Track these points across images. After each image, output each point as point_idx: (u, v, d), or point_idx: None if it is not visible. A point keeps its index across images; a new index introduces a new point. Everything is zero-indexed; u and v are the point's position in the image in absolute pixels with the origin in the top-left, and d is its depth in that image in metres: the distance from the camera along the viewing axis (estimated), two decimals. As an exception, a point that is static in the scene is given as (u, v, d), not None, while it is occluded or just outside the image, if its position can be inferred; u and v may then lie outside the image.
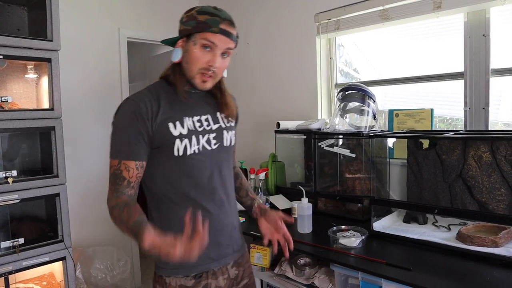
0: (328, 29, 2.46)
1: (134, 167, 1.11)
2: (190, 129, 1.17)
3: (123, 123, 1.12)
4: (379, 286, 1.45)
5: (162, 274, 1.18)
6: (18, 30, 2.14)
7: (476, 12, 1.91)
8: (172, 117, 1.15)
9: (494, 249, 1.45)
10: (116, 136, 1.13)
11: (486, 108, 1.92)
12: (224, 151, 1.26)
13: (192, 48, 1.12)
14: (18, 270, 1.95)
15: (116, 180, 1.09)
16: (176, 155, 1.14)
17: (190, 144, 1.15)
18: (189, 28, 1.11)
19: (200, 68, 1.13)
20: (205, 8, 1.13)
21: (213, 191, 1.21)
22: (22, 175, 2.02)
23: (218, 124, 1.25)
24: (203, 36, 1.10)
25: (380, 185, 2.06)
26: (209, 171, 1.20)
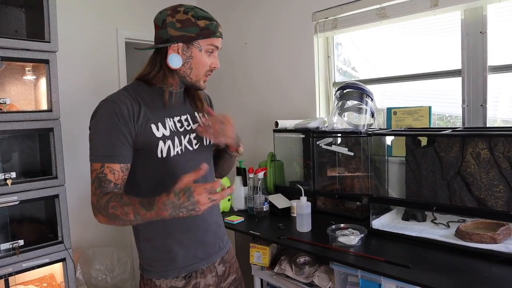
0: (326, 28, 2.46)
1: (119, 170, 1.08)
2: (172, 130, 1.17)
3: (104, 124, 1.09)
4: (378, 284, 1.46)
5: (151, 278, 1.19)
6: (16, 31, 2.14)
7: (473, 9, 1.91)
8: (154, 118, 1.14)
9: (492, 245, 1.46)
10: (98, 138, 1.09)
11: (484, 105, 1.92)
12: (205, 151, 1.27)
13: (198, 54, 1.14)
14: (18, 272, 1.95)
15: (101, 183, 1.06)
16: (159, 157, 1.13)
17: (173, 145, 1.15)
18: (192, 35, 1.11)
19: (206, 71, 1.17)
20: (198, 11, 1.13)
21: None
22: (21, 177, 2.02)
23: (197, 123, 1.25)
24: (209, 42, 1.13)
25: (378, 183, 2.07)
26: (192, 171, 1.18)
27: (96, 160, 1.08)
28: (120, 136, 1.07)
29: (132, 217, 1.00)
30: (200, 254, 1.22)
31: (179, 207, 0.95)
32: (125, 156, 1.09)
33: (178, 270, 1.19)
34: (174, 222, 1.16)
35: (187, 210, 0.96)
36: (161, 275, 1.18)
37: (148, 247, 1.20)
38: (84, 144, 2.83)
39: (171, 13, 1.12)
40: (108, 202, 1.01)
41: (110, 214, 1.01)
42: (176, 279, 1.18)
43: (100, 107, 1.12)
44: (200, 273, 1.23)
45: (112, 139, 1.07)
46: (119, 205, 1.00)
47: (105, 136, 1.08)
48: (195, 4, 1.23)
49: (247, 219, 2.16)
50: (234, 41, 3.08)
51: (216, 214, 1.32)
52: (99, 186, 1.06)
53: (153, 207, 0.97)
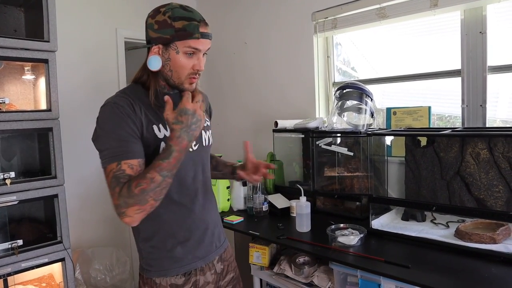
0: (325, 28, 2.46)
1: (137, 164, 1.04)
2: None
3: (112, 125, 1.06)
4: (378, 284, 1.46)
5: (151, 277, 1.19)
6: (15, 31, 2.13)
7: (473, 9, 1.91)
8: (154, 119, 1.14)
9: (492, 245, 1.46)
10: (108, 140, 1.05)
11: (483, 105, 1.92)
12: (204, 151, 1.27)
13: (176, 57, 1.10)
14: (17, 272, 1.94)
15: (120, 179, 1.00)
16: None
17: None
18: (167, 37, 1.07)
19: (188, 74, 1.13)
20: (176, 11, 1.08)
21: (197, 191, 1.23)
22: (20, 177, 2.01)
23: None
24: (186, 44, 1.08)
25: (378, 183, 2.07)
26: (192, 172, 1.21)
27: (110, 161, 1.03)
28: (130, 132, 1.06)
29: (159, 177, 0.99)
30: (199, 253, 1.23)
31: (189, 127, 1.02)
32: (139, 151, 1.07)
33: (178, 268, 1.19)
34: (173, 222, 1.18)
35: (195, 126, 1.03)
36: (161, 273, 1.18)
37: (147, 246, 1.20)
38: (83, 144, 2.84)
39: (152, 14, 1.11)
40: (130, 185, 0.98)
41: (137, 193, 0.97)
42: (176, 277, 1.19)
43: (102, 112, 1.09)
44: (200, 271, 1.23)
45: (124, 136, 1.05)
46: (141, 179, 0.99)
47: (116, 135, 1.05)
48: (195, 5, 1.22)
49: (246, 219, 2.15)
50: (233, 41, 3.08)
51: (214, 213, 1.33)
52: (118, 183, 1.00)
53: (170, 148, 1.01)
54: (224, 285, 1.33)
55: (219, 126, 3.21)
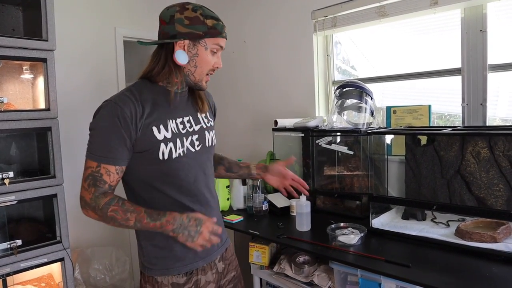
0: (325, 26, 2.45)
1: (114, 172, 1.10)
2: (174, 132, 1.17)
3: (105, 125, 1.09)
4: (378, 283, 1.45)
5: (152, 275, 1.20)
6: (13, 30, 2.12)
7: (473, 7, 1.90)
8: (155, 120, 1.14)
9: (492, 244, 1.45)
10: (97, 138, 1.10)
11: (483, 104, 1.92)
12: (206, 152, 1.28)
13: (204, 53, 1.15)
14: (16, 272, 1.94)
15: (97, 183, 1.08)
16: (161, 159, 1.14)
17: (175, 147, 1.16)
18: (199, 33, 1.12)
19: (208, 70, 1.18)
20: (206, 10, 1.14)
21: (199, 192, 1.24)
22: (19, 176, 2.01)
23: (199, 124, 1.27)
24: (215, 42, 1.15)
25: (378, 182, 2.06)
26: (194, 173, 1.22)
27: (93, 158, 1.09)
28: (119, 138, 1.08)
29: (131, 223, 1.08)
30: (200, 253, 1.23)
31: (185, 227, 1.09)
32: (122, 159, 1.10)
33: (179, 268, 1.20)
34: None
35: (188, 234, 1.10)
36: (163, 272, 1.19)
37: (149, 245, 1.21)
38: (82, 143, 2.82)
39: (179, 10, 1.13)
40: (108, 205, 1.06)
41: (108, 216, 1.06)
42: (177, 276, 1.19)
43: (102, 107, 1.12)
44: (201, 270, 1.24)
45: (112, 141, 1.08)
46: (121, 210, 1.07)
47: (105, 137, 1.09)
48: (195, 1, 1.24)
49: (246, 218, 2.15)
50: (233, 39, 3.06)
51: (216, 213, 1.33)
52: (94, 185, 1.08)
53: (161, 218, 1.08)
54: (225, 284, 1.33)
55: (218, 125, 3.19)
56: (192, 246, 1.10)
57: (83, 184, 1.09)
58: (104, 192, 1.09)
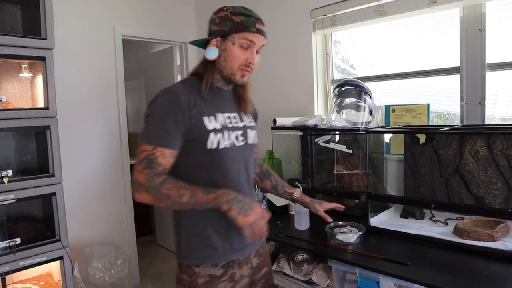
0: (324, 25, 2.45)
1: (169, 155, 1.14)
2: (223, 125, 1.23)
3: (162, 111, 1.15)
4: (376, 281, 1.46)
5: (190, 264, 1.22)
6: (12, 28, 2.12)
7: (472, 6, 1.91)
8: (207, 111, 1.20)
9: (490, 243, 1.46)
10: (154, 123, 1.15)
11: (482, 102, 1.92)
12: (249, 149, 1.33)
13: (232, 48, 1.21)
14: (15, 270, 1.94)
15: (152, 165, 1.11)
16: (209, 148, 1.19)
17: (223, 138, 1.21)
18: (225, 29, 1.19)
19: (240, 65, 1.23)
20: (237, 8, 1.22)
21: (240, 184, 1.27)
22: (18, 175, 2.01)
23: (243, 122, 1.32)
24: (242, 36, 1.20)
25: (377, 180, 2.06)
26: (237, 166, 1.26)
27: (149, 141, 1.13)
28: (175, 123, 1.14)
29: (185, 199, 1.09)
30: (237, 245, 1.25)
31: (239, 201, 1.11)
32: (176, 144, 1.15)
33: (216, 258, 1.22)
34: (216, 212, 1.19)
35: (242, 208, 1.10)
36: (201, 261, 1.21)
37: (190, 233, 1.23)
38: (81, 141, 2.83)
39: (216, 12, 1.24)
40: (163, 183, 1.09)
41: (162, 194, 1.08)
42: (214, 268, 1.22)
43: (160, 95, 1.19)
44: (237, 264, 1.26)
45: (168, 126, 1.14)
46: (175, 187, 1.09)
47: (162, 121, 1.14)
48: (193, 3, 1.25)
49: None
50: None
51: None
52: (149, 167, 1.11)
53: (216, 191, 1.11)
54: (258, 279, 1.36)
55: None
56: (243, 223, 1.09)
57: (137, 167, 1.12)
58: (158, 173, 1.12)
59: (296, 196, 1.58)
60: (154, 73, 3.86)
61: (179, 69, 3.53)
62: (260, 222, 1.12)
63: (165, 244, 3.95)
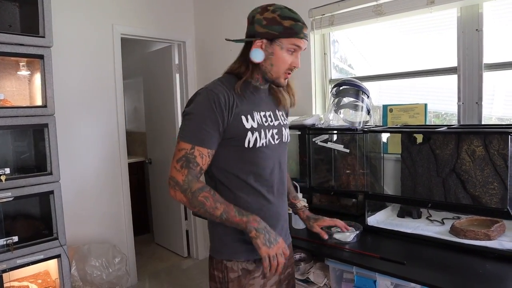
0: (322, 25, 2.46)
1: (207, 155, 1.15)
2: (259, 123, 1.23)
3: (201, 110, 1.15)
4: (373, 280, 1.46)
5: (223, 258, 1.22)
6: (10, 26, 2.12)
7: (469, 7, 1.91)
8: (244, 110, 1.20)
9: (486, 242, 1.47)
10: (193, 121, 1.15)
11: (479, 102, 1.93)
12: (283, 147, 1.34)
13: (279, 52, 1.20)
14: (13, 268, 1.94)
15: (190, 164, 1.12)
16: (246, 147, 1.19)
17: (260, 137, 1.21)
18: (275, 33, 1.18)
19: (286, 69, 1.23)
20: (284, 11, 1.20)
21: (273, 183, 1.28)
22: (16, 173, 2.01)
23: (278, 120, 1.32)
24: (292, 42, 1.19)
25: (374, 180, 2.07)
26: (271, 164, 1.26)
27: (187, 140, 1.14)
28: (214, 123, 1.14)
29: (218, 213, 1.11)
30: None
31: (268, 231, 1.13)
32: (214, 143, 1.16)
33: (249, 253, 1.22)
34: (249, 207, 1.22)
35: (268, 238, 1.13)
36: (233, 256, 1.22)
37: (221, 229, 1.23)
38: (79, 140, 2.82)
39: (260, 11, 1.22)
40: (201, 190, 1.11)
41: (198, 200, 1.10)
42: (247, 262, 1.22)
43: (199, 94, 1.19)
44: None
45: (207, 125, 1.14)
46: (212, 198, 1.11)
47: (200, 120, 1.14)
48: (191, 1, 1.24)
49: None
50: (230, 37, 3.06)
51: (286, 207, 1.38)
52: (187, 166, 1.12)
53: (248, 215, 1.13)
54: (283, 278, 1.37)
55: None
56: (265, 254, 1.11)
57: (175, 165, 1.13)
58: (197, 177, 1.13)
59: (297, 207, 1.60)
60: (153, 72, 3.86)
61: (178, 67, 3.53)
62: (280, 258, 1.13)
63: (163, 242, 3.95)
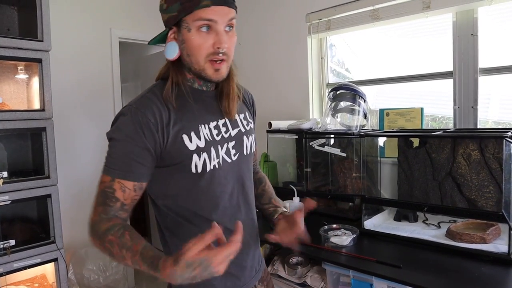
0: (319, 29, 2.47)
1: (131, 188, 0.91)
2: (208, 140, 0.97)
3: (125, 135, 0.91)
4: (370, 284, 1.47)
5: None
6: (8, 30, 2.12)
7: (464, 12, 1.93)
8: (185, 126, 0.95)
9: (482, 245, 1.47)
10: (115, 149, 0.92)
11: (474, 106, 1.95)
12: (244, 161, 1.07)
13: (189, 36, 0.92)
14: (9, 272, 1.94)
15: (106, 201, 0.89)
16: (194, 172, 0.95)
17: (210, 157, 0.97)
18: (174, 14, 0.91)
19: (207, 55, 0.93)
20: None
21: (237, 209, 1.05)
22: (13, 176, 2.01)
23: (237, 128, 1.06)
24: (196, 17, 0.89)
25: (371, 183, 2.08)
26: (230, 187, 1.02)
27: (107, 172, 0.91)
28: (141, 150, 0.91)
29: (129, 263, 0.84)
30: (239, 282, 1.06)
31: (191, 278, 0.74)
32: (142, 174, 0.92)
33: None
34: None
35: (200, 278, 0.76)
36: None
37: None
38: (76, 143, 2.82)
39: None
40: (106, 233, 0.85)
41: (105, 247, 0.86)
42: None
43: (122, 113, 0.93)
44: None
45: (132, 153, 0.90)
46: (117, 244, 0.84)
47: (124, 148, 0.91)
48: None
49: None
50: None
51: (255, 233, 1.15)
52: (103, 203, 0.89)
53: (157, 269, 0.78)
54: None
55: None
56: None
57: (93, 203, 0.91)
58: (115, 215, 0.90)
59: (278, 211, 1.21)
60: (151, 76, 3.81)
61: (176, 71, 3.53)
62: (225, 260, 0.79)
63: (160, 246, 3.93)
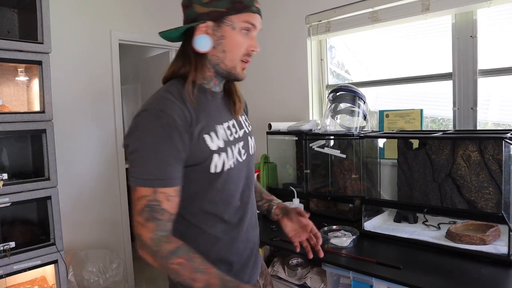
0: (319, 31, 2.48)
1: (175, 195, 0.89)
2: (225, 140, 0.98)
3: (155, 140, 0.86)
4: (370, 285, 1.47)
5: None
6: (8, 32, 2.13)
7: (464, 13, 1.94)
8: (206, 126, 0.94)
9: (482, 246, 1.48)
10: (145, 158, 0.86)
11: (474, 108, 1.95)
12: (251, 161, 1.09)
13: (232, 33, 0.94)
14: (9, 274, 1.93)
15: (155, 214, 0.85)
16: (212, 172, 0.94)
17: (228, 157, 0.97)
18: (221, 10, 0.92)
19: (242, 55, 0.97)
20: None
21: (245, 207, 1.06)
22: (13, 178, 2.00)
23: (243, 129, 1.08)
24: (244, 18, 0.93)
25: (371, 185, 2.08)
26: (242, 187, 1.04)
27: (145, 184, 0.86)
28: (174, 153, 0.88)
29: (200, 285, 0.84)
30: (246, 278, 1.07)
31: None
32: (178, 177, 0.90)
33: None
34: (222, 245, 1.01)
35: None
36: None
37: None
38: (77, 145, 2.82)
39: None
40: (173, 254, 0.84)
41: (171, 269, 0.85)
42: None
43: (146, 117, 0.88)
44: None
45: (165, 158, 0.87)
46: (189, 267, 0.84)
47: (156, 154, 0.86)
48: None
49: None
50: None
51: (258, 231, 1.17)
52: (152, 218, 0.85)
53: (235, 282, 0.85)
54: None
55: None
56: None
57: (137, 219, 0.86)
58: (167, 230, 0.88)
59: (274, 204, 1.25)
60: (151, 78, 3.87)
61: (175, 73, 3.54)
62: None
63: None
